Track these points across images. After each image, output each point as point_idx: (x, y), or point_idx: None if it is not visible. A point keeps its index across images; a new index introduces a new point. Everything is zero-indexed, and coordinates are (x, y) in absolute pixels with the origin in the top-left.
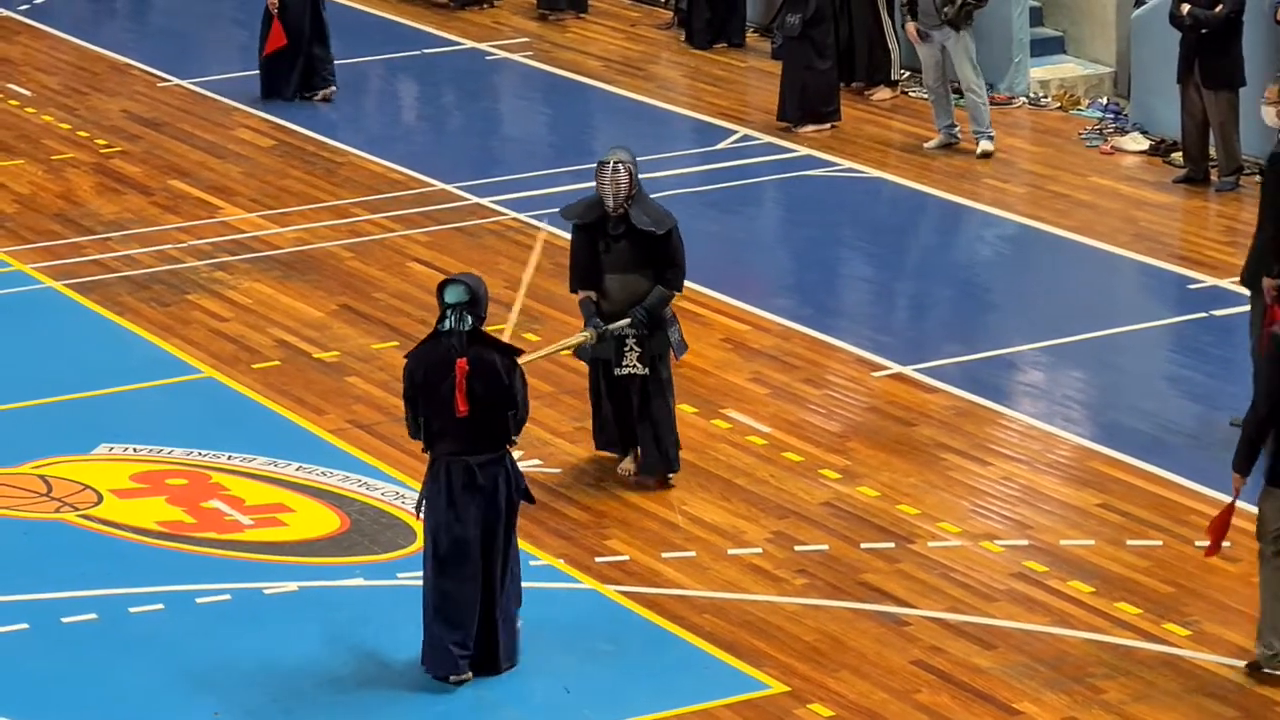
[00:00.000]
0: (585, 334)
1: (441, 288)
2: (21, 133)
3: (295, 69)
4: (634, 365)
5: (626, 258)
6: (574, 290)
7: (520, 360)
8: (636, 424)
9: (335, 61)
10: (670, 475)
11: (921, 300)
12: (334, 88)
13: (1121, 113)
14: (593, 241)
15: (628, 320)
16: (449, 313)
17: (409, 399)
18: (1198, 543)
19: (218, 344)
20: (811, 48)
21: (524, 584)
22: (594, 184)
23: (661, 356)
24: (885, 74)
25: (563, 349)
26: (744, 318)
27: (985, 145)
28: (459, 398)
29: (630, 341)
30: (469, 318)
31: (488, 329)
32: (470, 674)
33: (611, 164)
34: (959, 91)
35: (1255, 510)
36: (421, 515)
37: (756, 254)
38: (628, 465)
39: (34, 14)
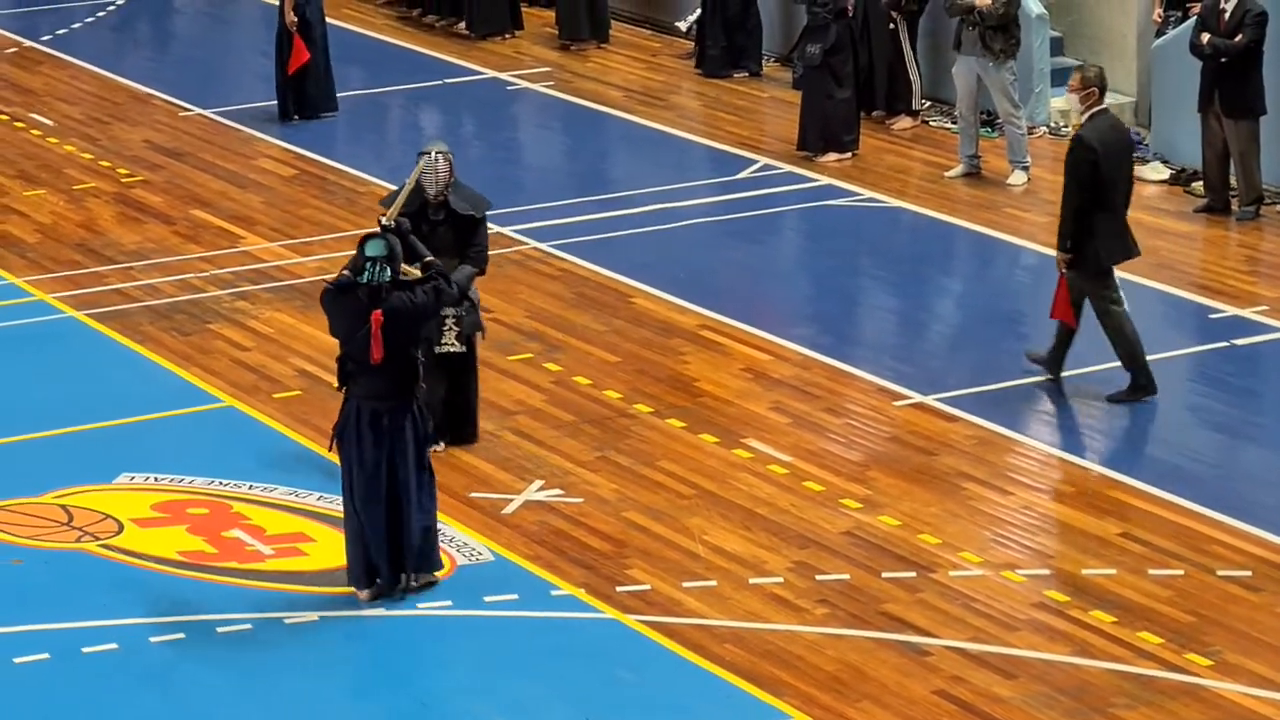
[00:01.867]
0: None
1: (362, 242)
2: (44, 162)
3: (320, 84)
4: (452, 343)
5: (447, 241)
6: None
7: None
8: (447, 400)
9: (358, 91)
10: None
11: (942, 329)
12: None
13: (1142, 142)
14: (414, 228)
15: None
16: (368, 265)
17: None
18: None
19: (239, 373)
20: (831, 77)
21: (547, 614)
22: (421, 175)
23: (471, 336)
24: (906, 103)
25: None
26: (764, 347)
27: (1019, 176)
28: (374, 346)
29: (449, 321)
30: (388, 270)
31: None
32: (367, 593)
33: (433, 154)
34: (987, 123)
35: None
36: (333, 449)
37: (777, 283)
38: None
39: (56, 44)
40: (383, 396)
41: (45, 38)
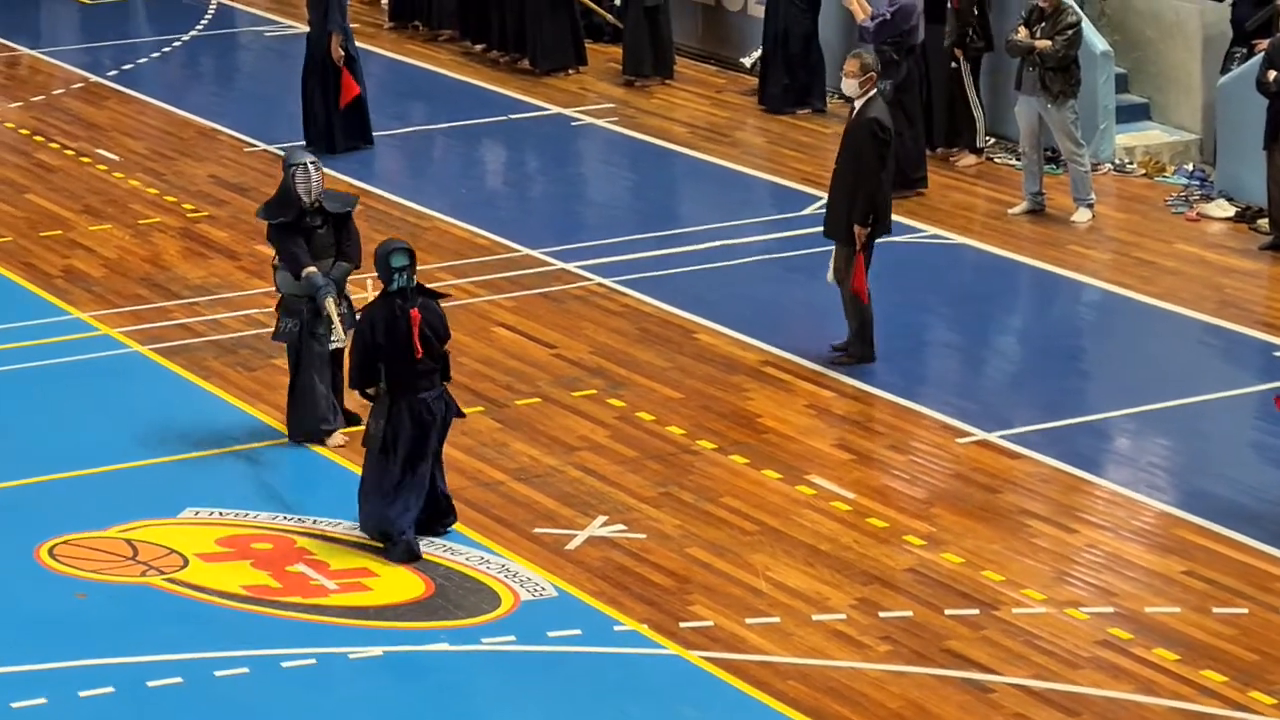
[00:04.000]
0: (333, 302)
1: (386, 255)
2: (109, 197)
3: (364, 118)
4: (339, 338)
5: (326, 242)
6: (299, 277)
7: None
8: (336, 392)
9: (422, 126)
10: None
11: (1006, 367)
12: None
13: (1207, 179)
14: (295, 232)
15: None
16: (396, 275)
17: (367, 352)
18: None
19: None
20: (902, 114)
21: (610, 649)
22: (294, 185)
23: (348, 330)
24: (969, 140)
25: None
26: (828, 384)
27: (1083, 213)
28: (415, 343)
29: (336, 316)
30: (413, 277)
31: None
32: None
33: (307, 164)
34: (1052, 160)
35: None
36: (370, 444)
37: (840, 320)
38: (339, 439)
39: (122, 80)
40: (424, 388)
41: (111, 73)
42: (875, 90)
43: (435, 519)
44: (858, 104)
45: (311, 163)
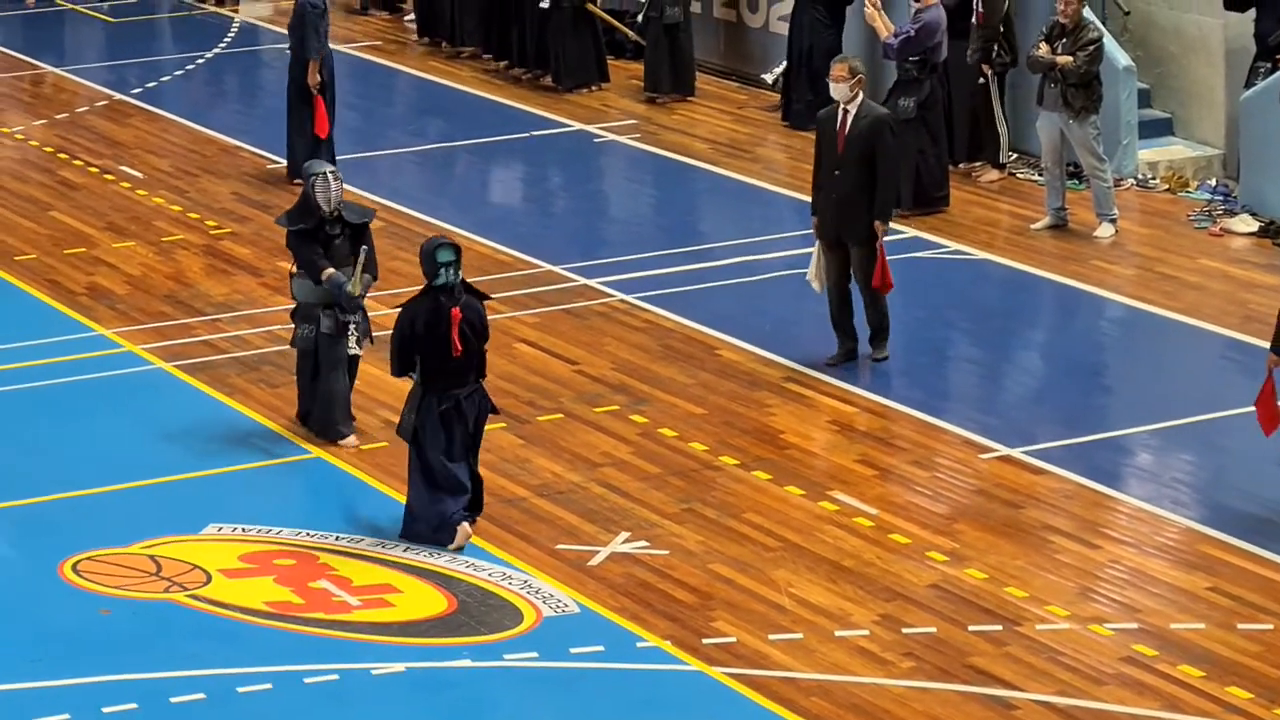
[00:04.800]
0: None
1: (432, 250)
2: (133, 215)
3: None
4: (354, 347)
5: (344, 252)
6: (319, 281)
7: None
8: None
9: (444, 144)
10: None
11: (1029, 382)
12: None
13: (1230, 194)
14: (314, 241)
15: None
16: (442, 270)
17: (404, 344)
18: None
19: None
20: (925, 131)
21: (632, 665)
22: (314, 194)
23: (362, 341)
24: (993, 155)
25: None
26: (851, 399)
27: (1106, 228)
28: (455, 341)
29: (352, 326)
30: (458, 272)
31: None
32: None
33: (327, 173)
34: (1075, 175)
35: None
36: (404, 434)
37: (862, 336)
38: (353, 441)
39: (146, 97)
40: (460, 385)
41: (135, 91)
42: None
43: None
44: (851, 108)
45: (331, 172)
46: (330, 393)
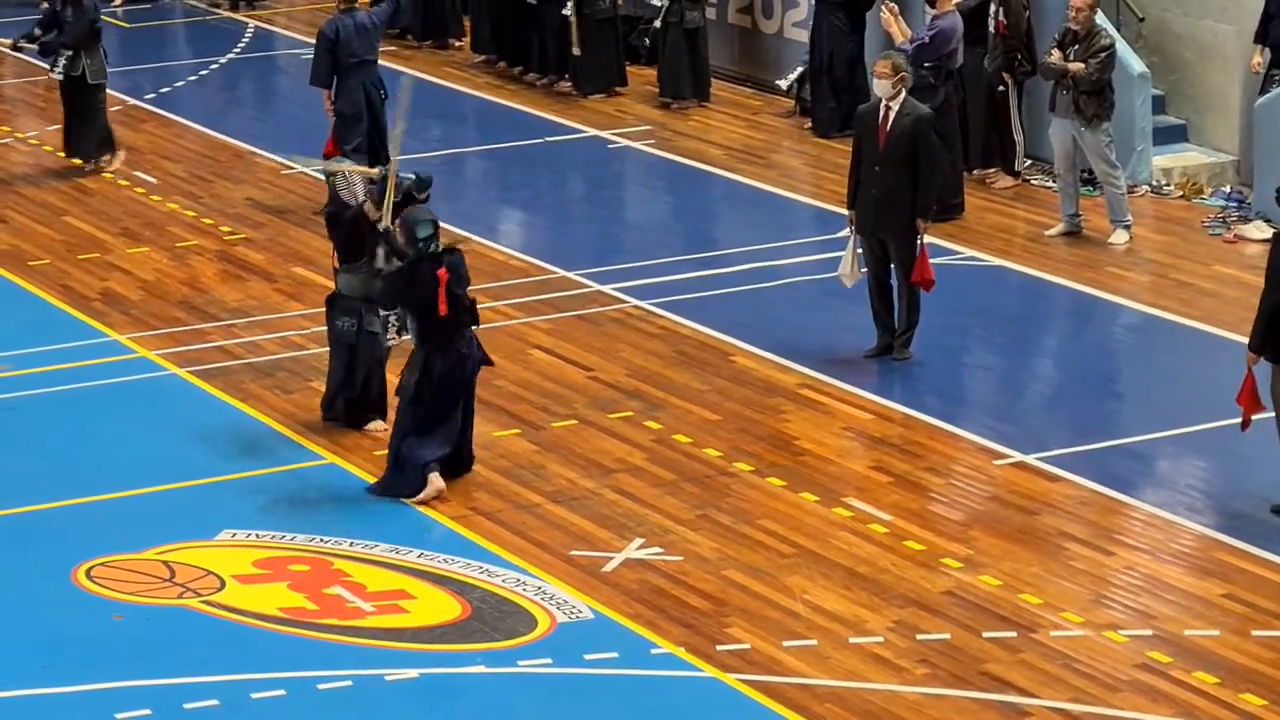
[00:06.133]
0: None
1: (412, 226)
2: (147, 220)
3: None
4: (395, 336)
5: (376, 241)
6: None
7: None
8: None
9: (460, 149)
10: None
11: (1043, 389)
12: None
13: (1245, 201)
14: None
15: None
16: (422, 244)
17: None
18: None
19: (339, 431)
20: (940, 139)
21: (647, 672)
22: (338, 193)
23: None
24: (1008, 162)
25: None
26: (866, 406)
27: (1120, 235)
28: (441, 302)
29: (392, 318)
30: (438, 242)
31: None
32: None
33: (345, 171)
34: (1089, 182)
35: None
36: (400, 395)
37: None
38: (378, 424)
39: (160, 103)
40: (458, 338)
41: (149, 96)
42: (907, 90)
43: (457, 466)
44: (894, 105)
45: (347, 170)
46: (367, 386)
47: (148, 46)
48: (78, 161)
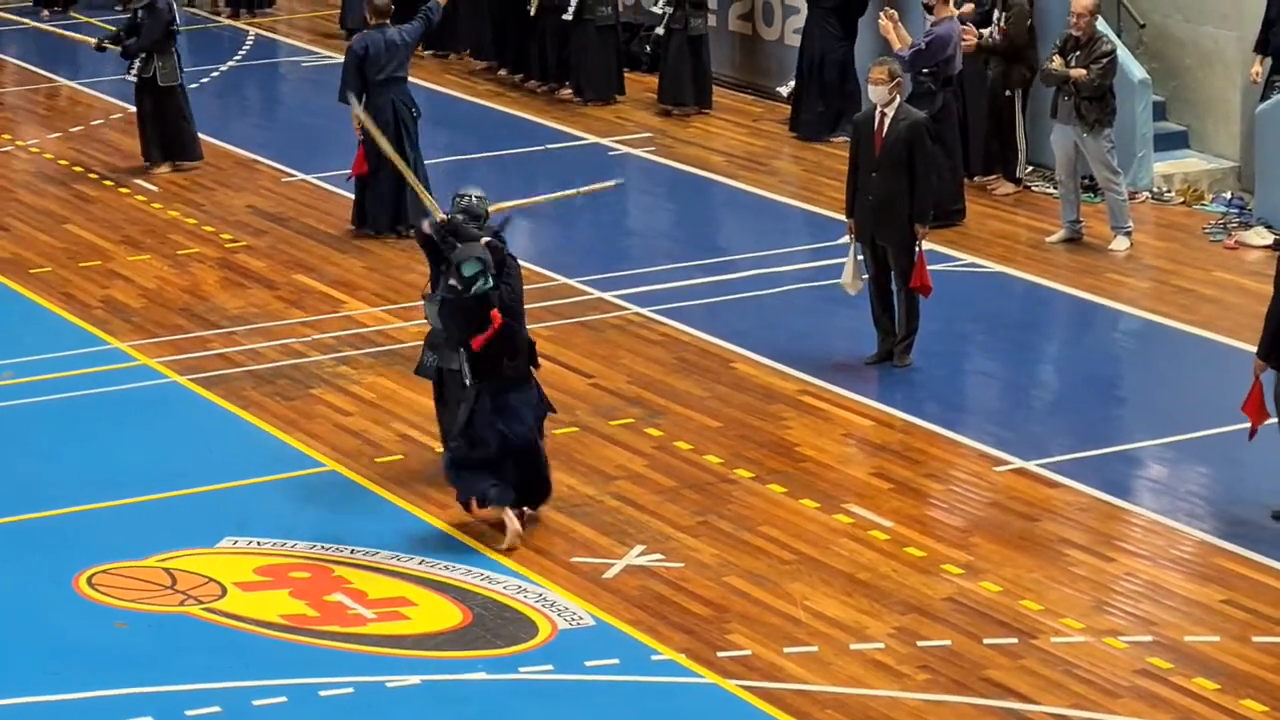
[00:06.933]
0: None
1: (459, 265)
2: (148, 228)
3: (384, 204)
4: (469, 375)
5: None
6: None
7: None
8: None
9: (460, 156)
10: None
11: (1044, 395)
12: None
13: (1246, 207)
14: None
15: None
16: (472, 284)
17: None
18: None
19: (341, 438)
20: (939, 146)
21: (648, 678)
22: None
23: None
24: (1010, 168)
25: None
26: (866, 412)
27: (1121, 241)
28: (477, 343)
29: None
30: (490, 279)
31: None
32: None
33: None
34: (1090, 188)
35: None
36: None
37: (875, 348)
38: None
39: None
40: (507, 373)
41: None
42: (902, 96)
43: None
44: (889, 111)
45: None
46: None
47: None
48: (164, 168)
